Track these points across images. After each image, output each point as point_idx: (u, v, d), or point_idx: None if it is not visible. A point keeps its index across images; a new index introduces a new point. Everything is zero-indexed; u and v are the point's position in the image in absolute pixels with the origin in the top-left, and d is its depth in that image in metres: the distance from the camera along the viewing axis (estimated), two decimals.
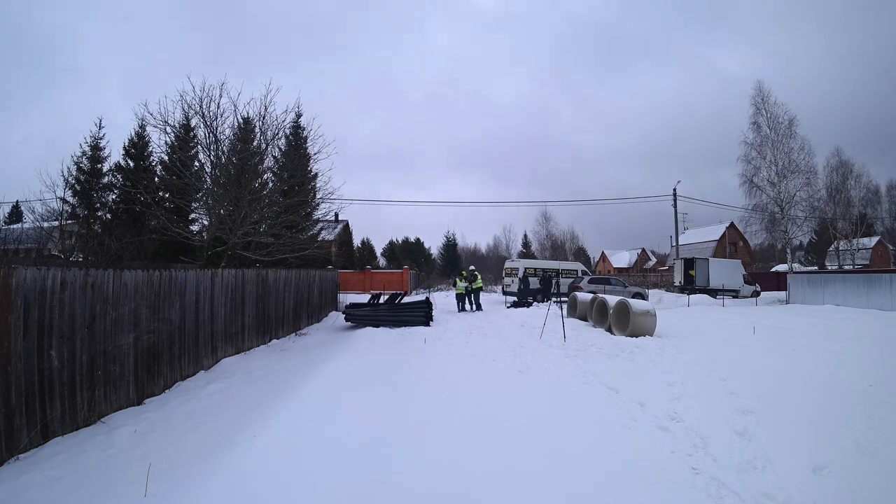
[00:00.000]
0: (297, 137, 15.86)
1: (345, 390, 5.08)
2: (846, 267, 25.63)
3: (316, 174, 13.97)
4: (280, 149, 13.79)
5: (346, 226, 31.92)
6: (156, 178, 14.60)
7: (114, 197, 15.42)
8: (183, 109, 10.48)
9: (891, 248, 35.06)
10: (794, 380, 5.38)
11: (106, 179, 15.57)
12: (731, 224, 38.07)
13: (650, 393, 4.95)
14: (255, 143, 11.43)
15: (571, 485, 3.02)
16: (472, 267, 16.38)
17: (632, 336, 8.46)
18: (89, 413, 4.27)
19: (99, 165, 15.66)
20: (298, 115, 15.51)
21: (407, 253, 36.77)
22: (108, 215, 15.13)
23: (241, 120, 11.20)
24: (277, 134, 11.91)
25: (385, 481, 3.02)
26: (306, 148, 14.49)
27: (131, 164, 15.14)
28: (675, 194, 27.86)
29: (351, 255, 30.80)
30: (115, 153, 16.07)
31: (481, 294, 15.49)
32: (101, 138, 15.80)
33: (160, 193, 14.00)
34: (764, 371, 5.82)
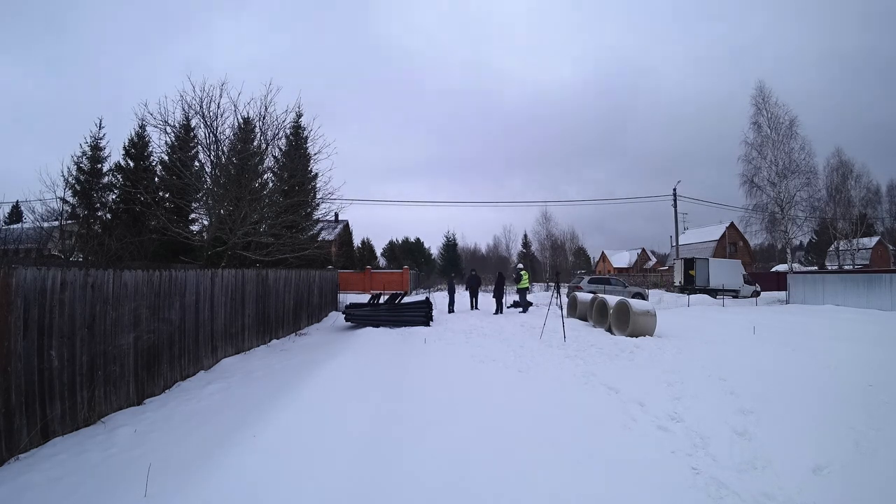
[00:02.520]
0: (297, 137, 15.85)
1: (345, 390, 5.08)
2: (846, 267, 25.62)
3: (316, 174, 14.02)
4: (280, 149, 13.80)
5: (347, 226, 31.92)
6: (156, 178, 14.60)
7: (114, 197, 15.41)
8: (183, 109, 10.48)
9: (891, 248, 35.00)
10: (794, 380, 5.38)
11: (106, 179, 15.56)
12: (731, 224, 38.07)
13: (650, 393, 4.95)
14: (255, 144, 11.42)
15: (572, 484, 3.02)
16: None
17: (632, 336, 8.46)
18: (89, 413, 4.27)
19: (99, 165, 15.65)
20: (299, 115, 15.52)
21: (407, 253, 36.80)
22: (108, 215, 15.12)
23: (241, 120, 11.19)
24: (278, 134, 11.91)
25: (386, 481, 3.03)
26: (306, 148, 14.51)
27: (131, 164, 15.13)
28: (675, 194, 27.89)
29: (351, 255, 30.80)
30: (115, 153, 16.10)
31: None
32: (101, 138, 15.82)
33: (160, 193, 13.99)
34: (764, 371, 5.82)
